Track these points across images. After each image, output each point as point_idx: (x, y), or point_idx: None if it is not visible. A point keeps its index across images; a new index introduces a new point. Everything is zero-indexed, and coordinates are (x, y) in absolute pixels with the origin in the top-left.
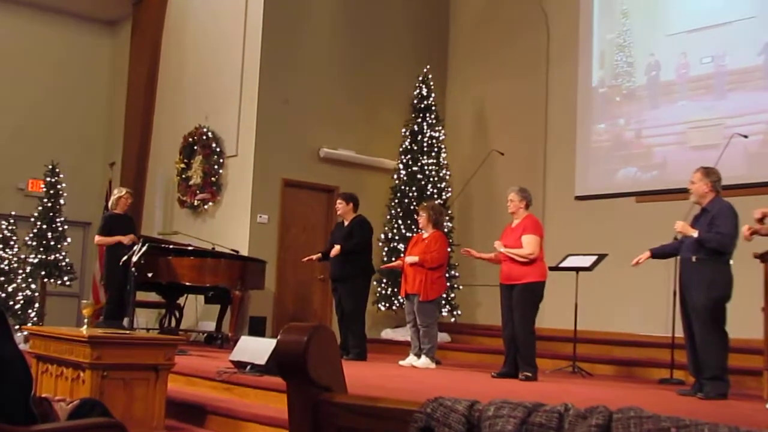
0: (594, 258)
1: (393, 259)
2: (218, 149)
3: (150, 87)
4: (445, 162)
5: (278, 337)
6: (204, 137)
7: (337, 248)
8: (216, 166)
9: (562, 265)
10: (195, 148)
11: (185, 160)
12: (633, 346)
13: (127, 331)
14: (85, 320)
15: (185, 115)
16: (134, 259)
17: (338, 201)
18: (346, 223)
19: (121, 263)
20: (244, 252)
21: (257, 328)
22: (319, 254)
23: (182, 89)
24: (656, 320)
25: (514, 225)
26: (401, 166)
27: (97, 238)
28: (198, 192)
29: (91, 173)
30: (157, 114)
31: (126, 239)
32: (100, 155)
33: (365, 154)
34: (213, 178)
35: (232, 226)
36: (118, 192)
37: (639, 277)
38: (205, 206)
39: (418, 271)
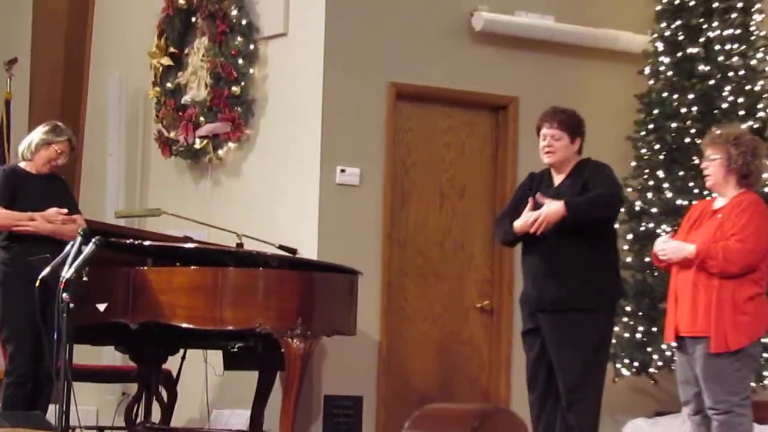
0: None
1: (645, 267)
2: (244, 22)
3: None
4: (763, 34)
5: None
6: None
7: (556, 206)
8: (241, 62)
9: None
10: (193, 21)
11: (172, 51)
12: None
13: None
14: None
15: None
16: (66, 274)
17: (546, 127)
18: (560, 178)
19: (37, 283)
20: (309, 252)
21: (343, 421)
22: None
23: None
24: None
25: None
26: (660, 46)
27: None
28: (203, 121)
29: None
30: None
31: (52, 219)
32: None
33: (576, 23)
34: (234, 89)
35: (281, 193)
36: (47, 134)
37: None
38: (219, 152)
39: (703, 286)
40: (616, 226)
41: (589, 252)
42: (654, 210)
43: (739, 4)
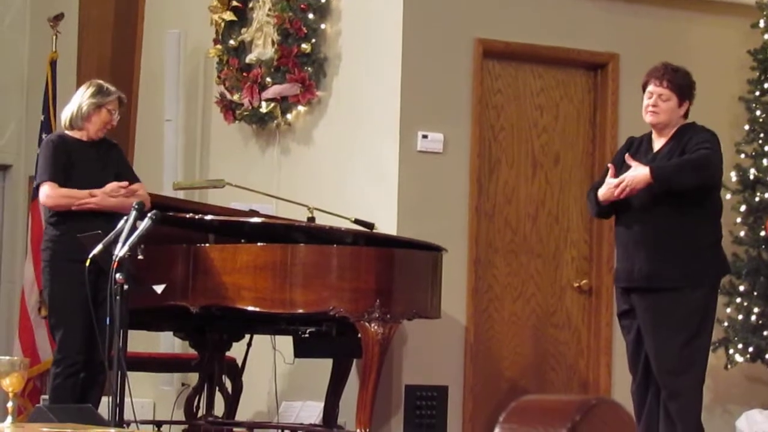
0: None
1: (760, 242)
2: None
3: None
4: None
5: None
6: None
7: (642, 171)
8: (312, 16)
9: None
10: None
11: (234, 4)
12: None
13: (111, 430)
14: (9, 404)
15: None
16: (120, 252)
17: (653, 85)
18: (660, 143)
19: (88, 263)
20: (388, 226)
21: (426, 413)
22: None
23: None
24: None
25: None
26: None
27: (47, 190)
28: (269, 82)
29: (6, 42)
30: None
31: (114, 194)
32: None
33: None
34: (304, 47)
35: (356, 162)
36: (96, 97)
37: None
38: (288, 116)
39: None
40: (728, 196)
41: (686, 224)
42: None
43: None
